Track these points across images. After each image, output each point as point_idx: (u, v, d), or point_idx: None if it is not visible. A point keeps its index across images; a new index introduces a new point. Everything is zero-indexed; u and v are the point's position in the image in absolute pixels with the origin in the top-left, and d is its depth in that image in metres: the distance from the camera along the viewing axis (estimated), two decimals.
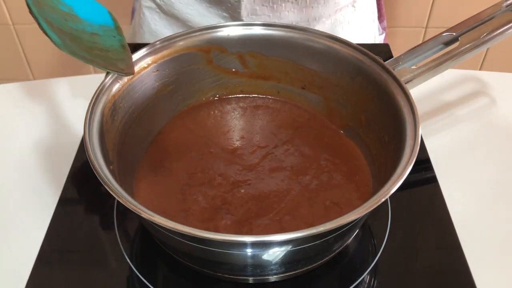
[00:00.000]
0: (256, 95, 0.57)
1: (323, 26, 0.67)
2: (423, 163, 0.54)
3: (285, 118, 0.55)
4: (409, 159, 0.38)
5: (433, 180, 0.52)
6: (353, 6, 0.69)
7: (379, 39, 0.78)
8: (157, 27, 0.71)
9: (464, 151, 0.58)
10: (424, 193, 0.51)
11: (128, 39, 0.80)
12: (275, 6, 0.62)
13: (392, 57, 0.49)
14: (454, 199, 0.50)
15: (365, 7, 0.72)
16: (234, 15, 0.64)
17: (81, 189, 0.52)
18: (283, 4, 0.63)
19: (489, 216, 0.50)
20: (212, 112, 0.55)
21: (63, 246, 0.47)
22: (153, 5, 0.70)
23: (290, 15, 0.64)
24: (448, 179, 0.53)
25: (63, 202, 0.50)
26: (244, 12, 0.62)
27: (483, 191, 0.53)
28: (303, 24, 0.66)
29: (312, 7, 0.64)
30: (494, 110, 0.63)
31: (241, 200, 0.45)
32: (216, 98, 0.57)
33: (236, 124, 0.54)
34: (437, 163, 0.54)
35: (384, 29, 0.78)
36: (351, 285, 0.43)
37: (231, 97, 0.57)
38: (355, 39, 0.72)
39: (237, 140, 0.52)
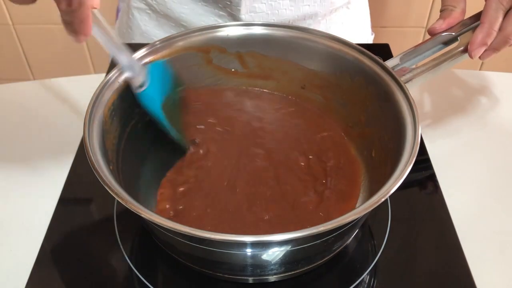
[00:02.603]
0: None
1: (318, 26, 0.68)
2: (423, 163, 0.54)
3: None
4: (409, 159, 0.38)
5: (433, 180, 0.52)
6: (347, 7, 0.70)
7: (370, 39, 0.80)
8: (148, 28, 0.70)
9: (464, 151, 0.57)
10: (424, 193, 0.51)
11: None
12: (273, 3, 0.62)
13: (392, 57, 0.48)
14: (454, 199, 0.50)
15: (359, 9, 0.73)
16: (232, 13, 0.64)
17: (81, 189, 0.52)
18: (281, 2, 0.63)
19: (489, 216, 0.50)
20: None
21: (63, 246, 0.47)
22: (143, 6, 0.69)
23: (287, 13, 0.64)
24: (448, 179, 0.53)
25: (63, 202, 0.50)
26: (243, 10, 0.62)
27: (483, 191, 0.53)
28: (299, 22, 0.66)
29: (309, 5, 0.64)
30: (494, 110, 0.63)
31: (240, 200, 0.45)
32: None
33: None
34: (437, 163, 0.54)
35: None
36: (351, 285, 0.43)
37: None
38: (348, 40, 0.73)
39: None
